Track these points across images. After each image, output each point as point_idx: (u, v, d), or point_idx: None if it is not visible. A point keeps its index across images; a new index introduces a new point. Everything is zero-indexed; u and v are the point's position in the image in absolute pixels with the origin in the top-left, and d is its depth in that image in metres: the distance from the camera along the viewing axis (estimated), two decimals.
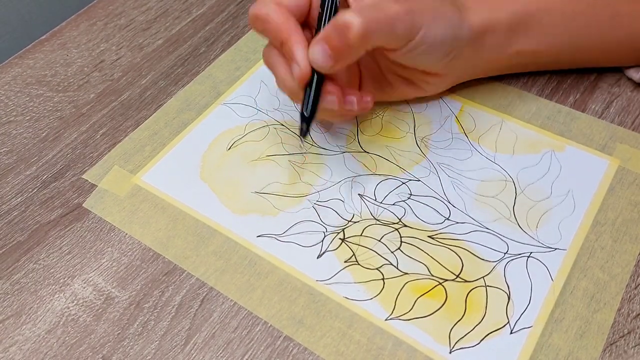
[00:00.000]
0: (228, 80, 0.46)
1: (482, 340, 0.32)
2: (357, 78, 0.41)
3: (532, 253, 0.36)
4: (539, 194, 0.38)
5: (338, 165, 0.40)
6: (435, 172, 0.40)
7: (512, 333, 0.33)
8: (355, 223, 0.37)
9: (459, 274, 0.35)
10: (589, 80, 0.44)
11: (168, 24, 0.51)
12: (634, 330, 0.33)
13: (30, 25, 0.59)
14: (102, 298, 0.35)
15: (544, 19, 0.39)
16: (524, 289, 0.34)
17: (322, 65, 0.34)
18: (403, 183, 0.39)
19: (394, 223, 0.37)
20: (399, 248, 0.36)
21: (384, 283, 0.35)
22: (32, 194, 0.40)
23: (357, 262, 0.36)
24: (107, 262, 0.37)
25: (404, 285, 0.35)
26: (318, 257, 0.36)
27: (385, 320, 0.33)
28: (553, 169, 0.39)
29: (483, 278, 0.35)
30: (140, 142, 0.43)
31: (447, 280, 0.35)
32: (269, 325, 0.34)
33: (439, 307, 0.34)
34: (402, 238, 0.37)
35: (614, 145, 0.40)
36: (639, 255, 0.35)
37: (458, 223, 0.37)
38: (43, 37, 0.51)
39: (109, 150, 0.42)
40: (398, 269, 0.35)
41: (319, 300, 0.34)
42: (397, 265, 0.35)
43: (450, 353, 0.32)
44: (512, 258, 0.35)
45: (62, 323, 0.35)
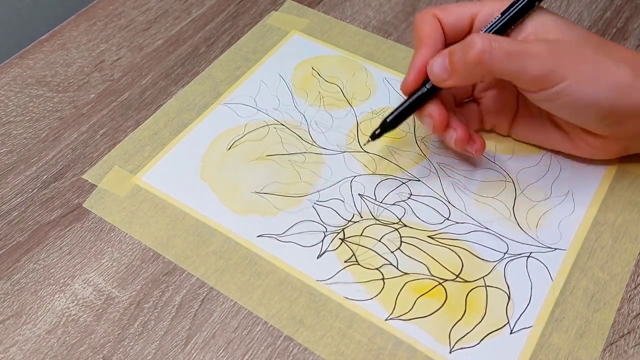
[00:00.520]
0: (228, 80, 0.46)
1: (482, 340, 0.32)
2: (481, 115, 0.40)
3: (532, 253, 0.36)
4: (539, 194, 0.38)
5: (338, 165, 0.40)
6: (436, 172, 0.40)
7: (512, 333, 0.33)
8: (355, 223, 0.37)
9: (459, 274, 0.35)
10: None
11: (168, 24, 0.51)
12: (634, 330, 0.33)
13: (30, 25, 0.59)
14: (102, 298, 0.35)
15: None
16: (524, 289, 0.34)
17: (435, 76, 0.34)
18: (403, 183, 0.39)
19: (394, 223, 0.37)
20: (399, 248, 0.36)
21: (384, 283, 0.35)
22: (32, 194, 0.40)
23: (357, 262, 0.36)
24: (107, 262, 0.37)
25: (404, 285, 0.35)
26: (318, 257, 0.36)
27: (386, 320, 0.33)
28: (553, 169, 0.39)
29: (483, 278, 0.35)
30: (140, 142, 0.43)
31: (447, 280, 0.35)
32: (269, 325, 0.34)
33: (439, 307, 0.34)
34: (402, 238, 0.37)
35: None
36: (639, 255, 0.35)
37: (458, 223, 0.37)
38: (43, 37, 0.51)
39: (109, 151, 0.42)
40: (398, 269, 0.35)
41: (319, 300, 0.34)
42: (397, 265, 0.35)
43: (450, 353, 0.32)
44: (512, 258, 0.35)
45: (62, 323, 0.35)
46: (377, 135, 0.37)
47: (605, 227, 0.36)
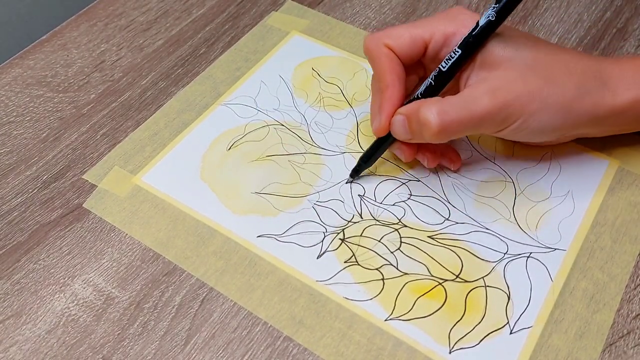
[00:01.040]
0: (228, 81, 0.46)
1: (482, 341, 0.32)
2: None
3: (531, 253, 0.36)
4: (539, 195, 0.38)
5: (338, 165, 0.40)
6: (436, 172, 0.40)
7: (511, 333, 0.33)
8: (355, 223, 0.37)
9: (459, 274, 0.35)
10: None
11: (168, 25, 0.51)
12: (634, 331, 0.33)
13: (30, 26, 0.59)
14: (102, 298, 0.35)
15: None
16: (524, 289, 0.34)
17: (399, 136, 0.36)
18: (403, 183, 0.39)
19: (394, 223, 0.37)
20: (399, 248, 0.36)
21: (384, 283, 0.35)
22: (32, 194, 0.41)
23: (357, 262, 0.36)
24: (107, 262, 0.37)
25: (404, 286, 0.35)
26: (318, 257, 0.36)
27: (385, 321, 0.33)
28: (553, 170, 0.39)
29: (483, 278, 0.35)
30: (141, 142, 0.43)
31: (447, 281, 0.35)
32: (269, 326, 0.34)
33: (439, 307, 0.34)
34: (402, 238, 0.37)
35: (614, 146, 0.40)
36: (639, 256, 0.35)
37: (458, 223, 0.37)
38: (43, 37, 0.51)
39: (109, 151, 0.42)
40: (398, 269, 0.35)
41: (319, 301, 0.34)
42: (397, 266, 0.35)
43: (450, 353, 0.32)
44: (512, 258, 0.35)
45: (62, 323, 0.35)
46: (354, 174, 0.39)
47: (605, 227, 0.36)
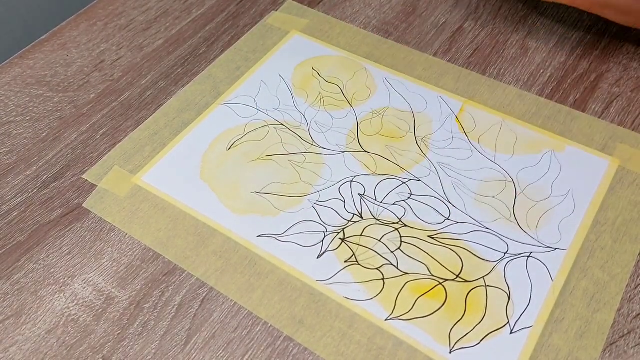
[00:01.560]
0: (228, 80, 0.46)
1: (482, 340, 0.32)
2: None
3: (532, 253, 0.36)
4: (539, 194, 0.38)
5: (338, 165, 0.40)
6: (436, 172, 0.40)
7: (512, 333, 0.33)
8: (355, 223, 0.37)
9: (459, 274, 0.35)
10: (589, 80, 0.44)
11: (168, 24, 0.51)
12: (634, 331, 0.33)
13: (30, 25, 0.59)
14: (102, 298, 0.35)
15: None
16: (524, 289, 0.34)
17: None
18: (403, 183, 0.39)
19: (394, 223, 0.37)
20: (399, 248, 0.36)
21: (384, 283, 0.35)
22: (32, 194, 0.41)
23: (357, 262, 0.36)
24: (107, 262, 0.37)
25: (404, 285, 0.35)
26: (318, 257, 0.36)
27: (386, 321, 0.33)
28: (553, 169, 0.39)
29: (483, 278, 0.35)
30: (141, 142, 0.43)
31: (447, 280, 0.35)
32: (269, 326, 0.34)
33: (439, 307, 0.34)
34: (402, 238, 0.37)
35: (614, 145, 0.40)
36: (639, 256, 0.35)
37: (458, 223, 0.37)
38: (43, 37, 0.51)
39: (109, 151, 0.42)
40: (398, 269, 0.35)
41: (319, 301, 0.34)
42: (397, 265, 0.35)
43: (450, 353, 0.32)
44: (512, 258, 0.35)
45: (62, 323, 0.35)
46: None
47: (605, 227, 0.36)
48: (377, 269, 0.35)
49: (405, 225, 0.37)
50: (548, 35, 0.48)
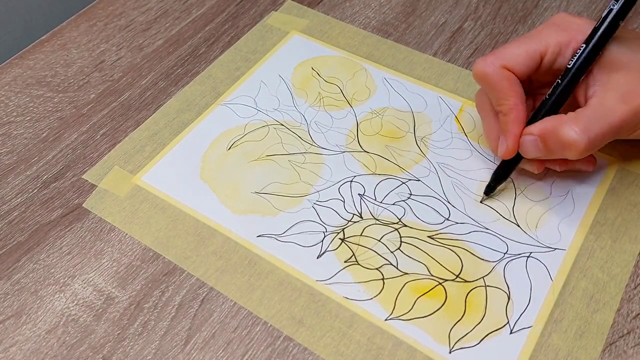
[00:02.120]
0: (228, 81, 0.46)
1: (482, 340, 0.32)
2: None
3: (531, 253, 0.36)
4: (539, 194, 0.38)
5: (338, 165, 0.40)
6: (435, 172, 0.40)
7: (511, 333, 0.33)
8: (355, 223, 0.37)
9: (459, 274, 0.35)
10: None
11: (168, 25, 0.51)
12: (634, 331, 0.33)
13: (30, 26, 0.59)
14: (102, 298, 0.35)
15: None
16: (524, 289, 0.34)
17: (529, 155, 0.35)
18: (403, 183, 0.39)
19: (394, 223, 0.37)
20: (399, 248, 0.36)
21: (384, 283, 0.35)
22: (32, 194, 0.41)
23: (357, 262, 0.36)
24: (107, 262, 0.37)
25: (404, 285, 0.35)
26: (318, 257, 0.36)
27: (385, 320, 0.33)
28: (553, 169, 0.39)
29: (483, 278, 0.35)
30: (140, 142, 0.43)
31: (447, 280, 0.35)
32: (269, 325, 0.34)
33: (439, 307, 0.34)
34: (402, 238, 0.37)
35: (614, 145, 0.40)
36: (639, 256, 0.35)
37: (458, 223, 0.37)
38: (43, 37, 0.51)
39: (109, 151, 0.42)
40: (398, 269, 0.35)
41: (319, 300, 0.34)
42: (397, 265, 0.35)
43: (450, 353, 0.32)
44: (511, 258, 0.35)
45: (62, 323, 0.35)
46: (489, 192, 0.38)
47: (605, 227, 0.36)
48: (376, 269, 0.35)
49: (405, 226, 0.37)
50: None
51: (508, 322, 0.33)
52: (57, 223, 0.39)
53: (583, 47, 0.34)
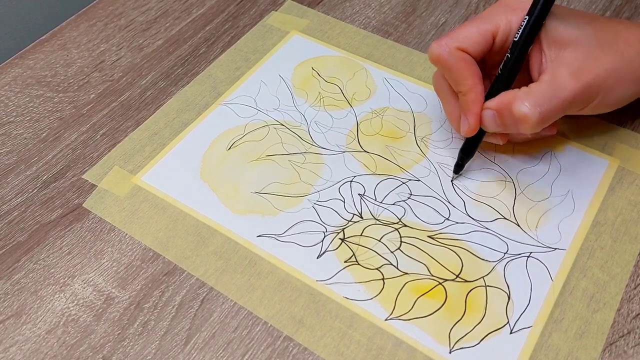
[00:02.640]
0: (228, 81, 0.46)
1: (482, 340, 0.32)
2: None
3: (532, 253, 0.36)
4: (539, 194, 0.38)
5: (338, 165, 0.40)
6: (435, 172, 0.40)
7: (512, 333, 0.33)
8: (355, 223, 0.37)
9: (459, 274, 0.35)
10: None
11: (168, 25, 0.51)
12: (634, 330, 0.33)
13: (30, 26, 0.59)
14: (102, 298, 0.35)
15: None
16: (524, 289, 0.34)
17: (490, 129, 0.36)
18: (403, 183, 0.39)
19: (394, 223, 0.37)
20: (399, 248, 0.36)
21: (384, 283, 0.35)
22: (32, 194, 0.41)
23: (357, 262, 0.36)
24: (107, 262, 0.37)
25: (404, 285, 0.35)
26: (318, 257, 0.36)
27: (385, 320, 0.33)
28: (553, 169, 0.39)
29: (483, 278, 0.35)
30: (140, 142, 0.43)
31: (447, 280, 0.35)
32: (269, 325, 0.34)
33: (439, 307, 0.34)
34: (402, 238, 0.37)
35: (614, 145, 0.40)
36: (639, 256, 0.35)
37: (458, 223, 0.37)
38: (43, 37, 0.51)
39: (109, 151, 0.42)
40: (398, 269, 0.35)
41: (319, 300, 0.34)
42: (397, 265, 0.35)
43: (450, 353, 0.32)
44: (512, 258, 0.35)
45: (62, 323, 0.35)
46: (458, 170, 0.39)
47: (605, 227, 0.36)
48: (377, 269, 0.35)
49: (405, 225, 0.37)
50: None
51: (508, 322, 0.33)
52: (57, 223, 0.39)
53: (527, 18, 0.35)
